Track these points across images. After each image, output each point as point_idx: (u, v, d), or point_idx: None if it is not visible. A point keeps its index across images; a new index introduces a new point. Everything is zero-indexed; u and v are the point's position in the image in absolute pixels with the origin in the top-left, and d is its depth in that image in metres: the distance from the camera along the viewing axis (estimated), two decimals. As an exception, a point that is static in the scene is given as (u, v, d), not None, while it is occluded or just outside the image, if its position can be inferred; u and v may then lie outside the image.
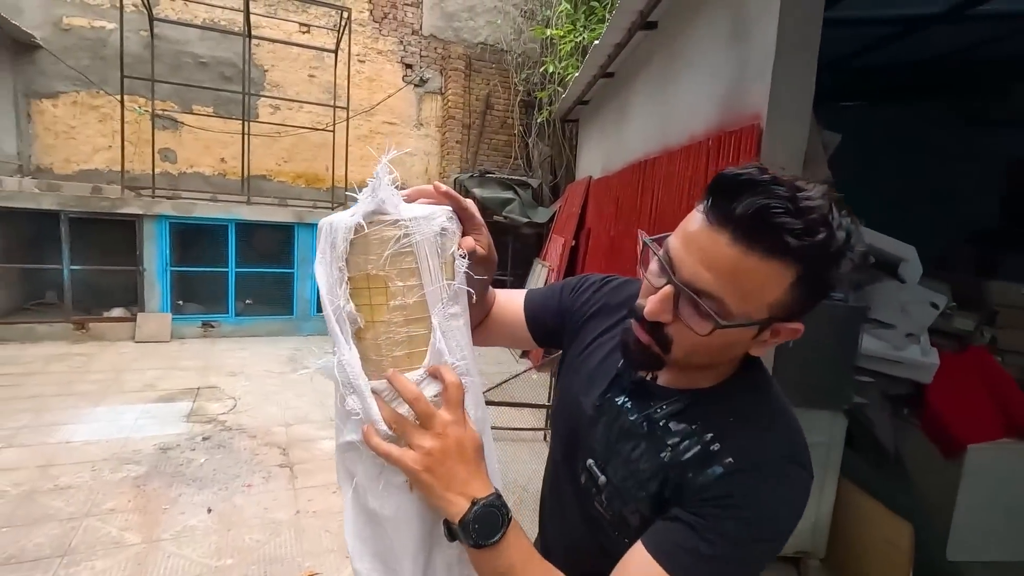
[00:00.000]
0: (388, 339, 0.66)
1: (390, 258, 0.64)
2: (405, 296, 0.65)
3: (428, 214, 0.66)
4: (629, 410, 0.76)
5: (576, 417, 0.83)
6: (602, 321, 0.89)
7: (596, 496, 0.76)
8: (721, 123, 2.47)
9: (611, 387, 0.80)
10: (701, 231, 0.61)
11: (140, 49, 7.00)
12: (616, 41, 3.94)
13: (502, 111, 8.71)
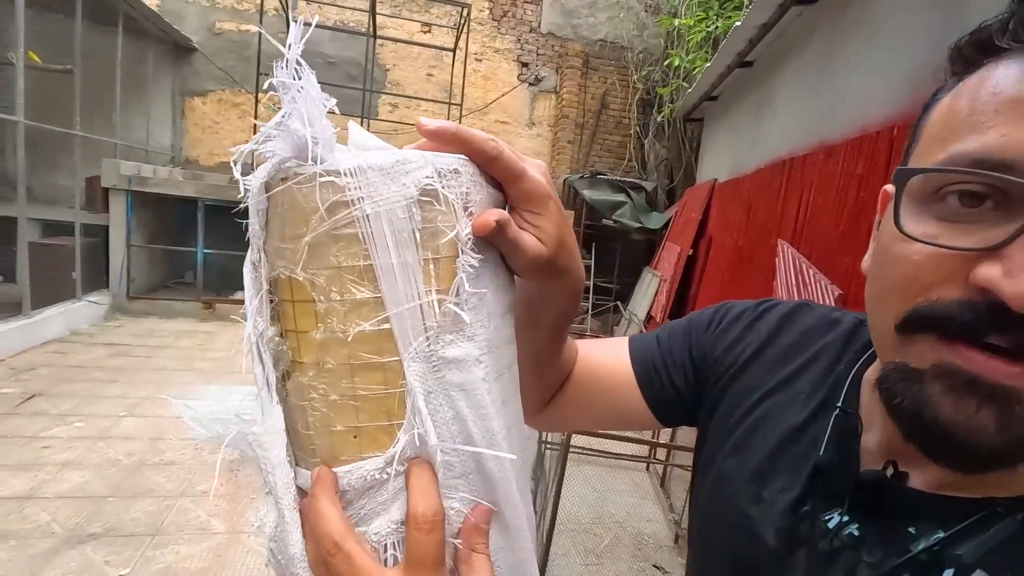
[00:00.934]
0: (321, 400, 0.33)
1: (318, 246, 0.32)
2: (348, 319, 0.32)
3: (397, 162, 0.32)
4: (859, 543, 0.39)
5: (745, 547, 0.46)
6: (769, 373, 0.52)
7: None
8: (915, 104, 1.93)
9: (809, 493, 0.43)
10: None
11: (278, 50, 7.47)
12: (762, 21, 3.42)
13: (618, 110, 8.30)
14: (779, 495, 0.45)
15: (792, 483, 0.45)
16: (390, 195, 0.31)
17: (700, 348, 0.58)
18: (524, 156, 0.37)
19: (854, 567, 0.39)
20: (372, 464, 0.32)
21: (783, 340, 0.53)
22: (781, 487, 0.45)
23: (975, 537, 0.35)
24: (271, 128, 0.33)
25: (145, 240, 6.30)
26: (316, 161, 0.31)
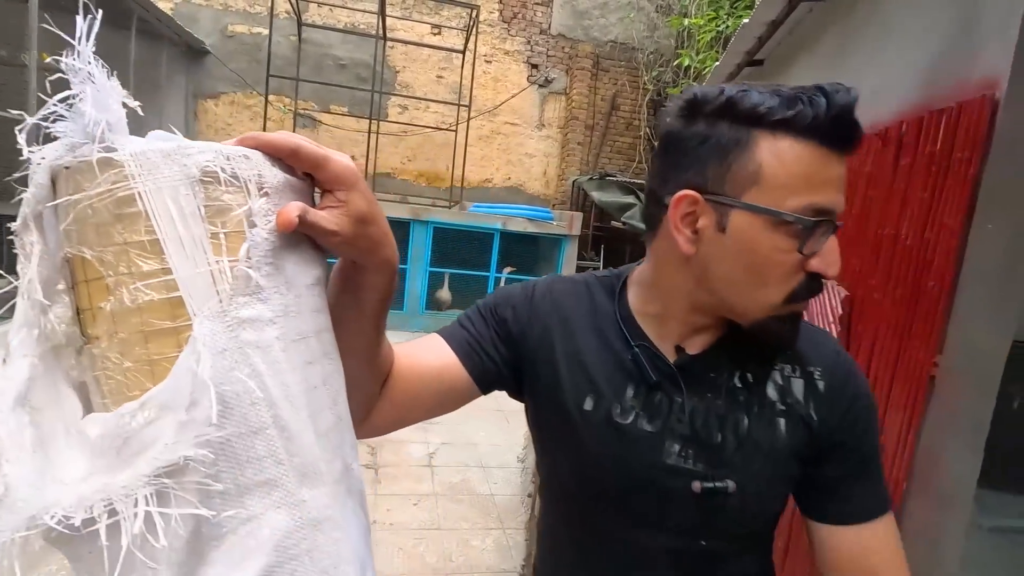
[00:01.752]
0: (115, 368, 0.34)
1: (103, 226, 0.34)
2: (137, 290, 0.34)
3: (180, 147, 0.35)
4: (690, 401, 0.63)
5: (623, 452, 0.63)
6: (567, 329, 0.69)
7: (717, 515, 0.62)
8: (926, 100, 1.86)
9: (649, 392, 0.64)
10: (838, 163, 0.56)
11: (289, 52, 7.54)
12: (771, 18, 3.34)
13: (628, 112, 8.24)
14: (631, 397, 0.64)
15: (639, 391, 0.64)
16: (171, 175, 0.34)
17: (503, 326, 0.70)
18: (326, 148, 0.42)
19: (707, 409, 0.62)
20: (128, 407, 0.32)
21: (561, 304, 0.70)
22: (632, 398, 0.63)
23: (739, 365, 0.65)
24: (57, 105, 0.33)
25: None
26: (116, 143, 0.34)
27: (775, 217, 0.54)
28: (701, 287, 0.60)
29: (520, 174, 8.43)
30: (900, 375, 1.72)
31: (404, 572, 2.31)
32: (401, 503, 2.83)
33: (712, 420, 0.62)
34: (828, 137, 0.54)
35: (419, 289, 6.88)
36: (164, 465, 0.31)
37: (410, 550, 2.46)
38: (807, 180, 0.53)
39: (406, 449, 3.45)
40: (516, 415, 4.05)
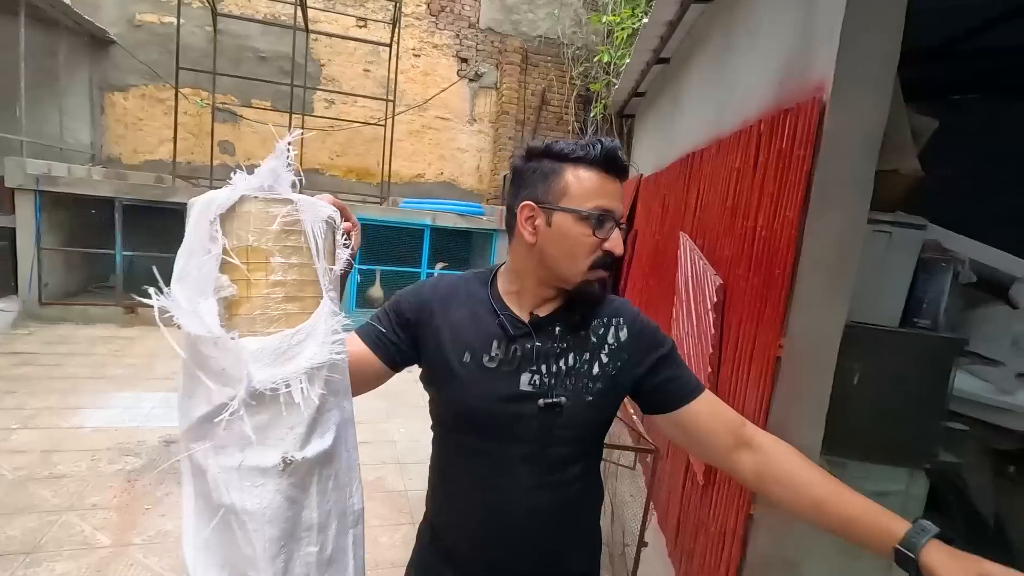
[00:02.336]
0: (263, 315, 0.62)
1: (275, 234, 0.63)
2: (286, 273, 0.63)
3: (316, 201, 0.67)
4: (537, 346, 0.92)
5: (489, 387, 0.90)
6: (440, 311, 0.95)
7: (558, 424, 0.90)
8: (778, 101, 2.00)
9: (509, 343, 0.92)
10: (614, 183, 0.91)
11: (204, 44, 7.20)
12: (667, 19, 3.49)
13: (558, 107, 8.35)
14: (496, 348, 0.92)
15: (502, 344, 0.92)
16: (315, 215, 0.65)
17: (401, 317, 0.96)
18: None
19: (544, 350, 0.92)
20: (287, 332, 0.62)
21: (443, 292, 0.98)
22: (496, 349, 0.91)
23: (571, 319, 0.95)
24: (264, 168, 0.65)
25: (59, 243, 5.96)
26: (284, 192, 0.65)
27: (578, 214, 0.88)
28: (541, 265, 0.92)
29: (453, 169, 8.41)
30: (756, 356, 1.85)
31: (305, 574, 2.30)
32: (310, 505, 2.80)
33: (551, 358, 0.92)
34: (604, 167, 0.89)
35: (349, 287, 6.74)
36: (315, 364, 0.61)
37: (314, 551, 2.44)
38: (595, 192, 0.88)
39: (322, 450, 3.41)
40: (439, 410, 4.08)
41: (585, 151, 0.88)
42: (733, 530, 1.84)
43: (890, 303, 1.86)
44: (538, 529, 0.91)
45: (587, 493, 0.98)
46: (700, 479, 2.17)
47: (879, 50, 1.60)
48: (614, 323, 0.97)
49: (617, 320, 0.97)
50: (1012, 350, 2.28)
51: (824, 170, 1.63)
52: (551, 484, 0.91)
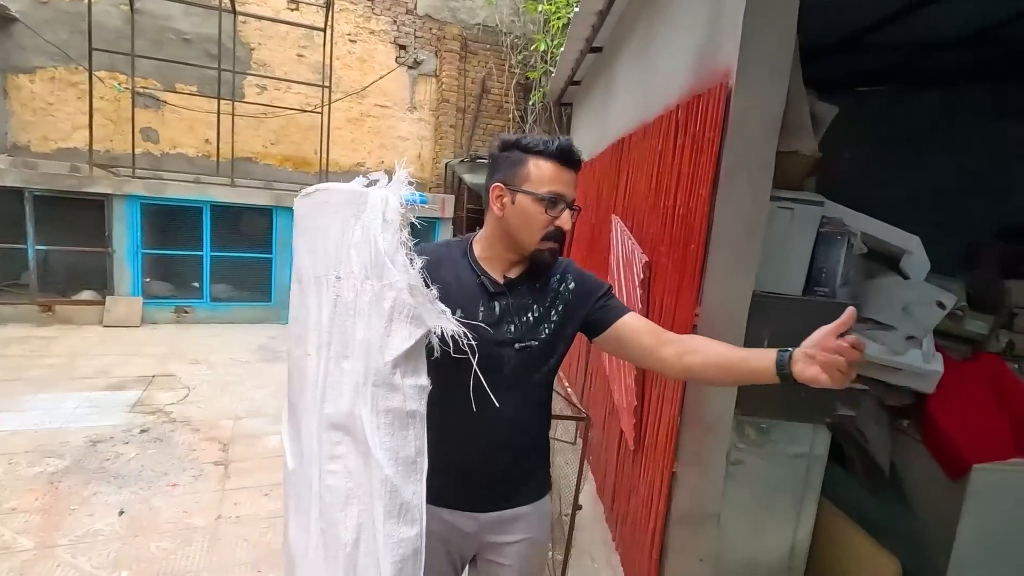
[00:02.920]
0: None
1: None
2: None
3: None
4: (511, 302, 1.18)
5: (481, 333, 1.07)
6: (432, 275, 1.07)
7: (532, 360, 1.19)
8: (694, 87, 2.13)
9: (490, 300, 1.17)
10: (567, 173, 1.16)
11: (121, 24, 6.77)
12: (597, 8, 3.59)
13: (499, 95, 8.38)
14: (480, 306, 1.15)
15: (486, 303, 1.16)
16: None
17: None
18: None
19: (516, 306, 1.18)
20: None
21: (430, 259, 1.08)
22: (482, 307, 1.15)
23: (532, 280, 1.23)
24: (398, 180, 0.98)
25: (-40, 238, 5.50)
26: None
27: (535, 196, 1.13)
28: (506, 235, 1.17)
29: (393, 157, 8.29)
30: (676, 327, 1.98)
31: (249, 560, 2.28)
32: (250, 495, 2.76)
33: (523, 311, 1.19)
34: (559, 159, 1.13)
35: (288, 279, 6.57)
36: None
37: (256, 539, 2.42)
38: (549, 179, 1.13)
39: (261, 443, 3.35)
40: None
41: (545, 146, 1.12)
42: (659, 488, 1.97)
43: (793, 273, 2.03)
44: (516, 433, 1.21)
45: (545, 407, 1.30)
46: (631, 445, 2.30)
47: (776, 41, 1.74)
48: (564, 279, 1.25)
49: (566, 276, 1.26)
50: (903, 316, 2.53)
51: (731, 151, 1.76)
52: (524, 402, 1.20)
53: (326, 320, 0.92)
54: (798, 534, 2.19)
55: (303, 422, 0.95)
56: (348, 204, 0.91)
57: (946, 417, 2.52)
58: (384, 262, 0.86)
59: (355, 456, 0.87)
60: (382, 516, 0.84)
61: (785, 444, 2.18)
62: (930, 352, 2.48)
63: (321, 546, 0.87)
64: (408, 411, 0.90)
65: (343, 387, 0.89)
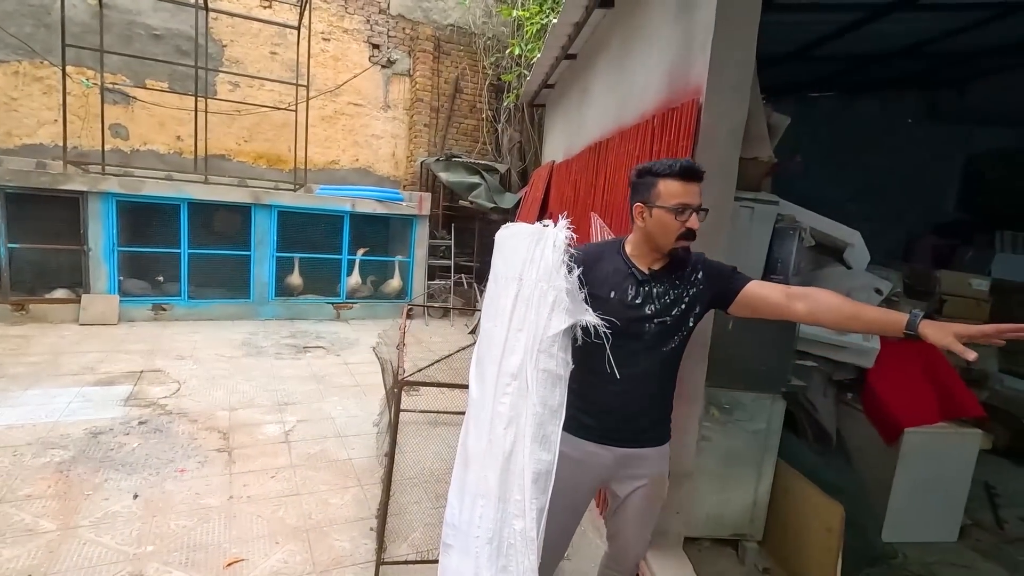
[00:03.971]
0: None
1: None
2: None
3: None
4: (653, 287, 1.51)
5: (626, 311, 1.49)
6: (593, 266, 1.52)
7: (666, 332, 1.51)
8: (668, 100, 2.41)
9: (639, 286, 1.51)
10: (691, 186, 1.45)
11: (88, 18, 6.67)
12: (575, 20, 3.86)
13: (471, 95, 8.58)
14: (630, 288, 1.51)
15: (635, 286, 1.51)
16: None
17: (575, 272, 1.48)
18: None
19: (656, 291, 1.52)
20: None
21: (592, 254, 1.56)
22: (631, 287, 1.51)
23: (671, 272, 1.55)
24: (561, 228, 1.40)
25: (-74, 236, 5.37)
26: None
27: (667, 208, 1.44)
28: (650, 239, 1.50)
29: (368, 155, 8.39)
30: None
31: (265, 534, 2.45)
32: (257, 478, 2.92)
33: (663, 294, 1.50)
34: (682, 176, 1.44)
35: (266, 276, 6.65)
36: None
37: (269, 515, 2.59)
38: (676, 194, 1.43)
39: (260, 431, 3.49)
40: (372, 388, 4.25)
41: (670, 169, 1.44)
42: (641, 452, 2.24)
43: (754, 263, 2.35)
44: (649, 387, 1.53)
45: (673, 369, 1.59)
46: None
47: (739, 66, 2.04)
48: (696, 270, 1.55)
49: (697, 268, 1.55)
50: (846, 301, 2.86)
51: (701, 157, 2.05)
52: (657, 364, 1.52)
53: (510, 305, 1.34)
54: (759, 490, 2.51)
55: (487, 369, 1.36)
56: (532, 235, 1.36)
57: (883, 388, 2.88)
58: (551, 272, 1.29)
59: (518, 395, 1.27)
60: (529, 439, 1.25)
61: (746, 422, 2.49)
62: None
63: (487, 449, 1.28)
64: (557, 374, 1.31)
65: (517, 349, 1.30)
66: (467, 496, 1.32)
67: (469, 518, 1.29)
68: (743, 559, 2.55)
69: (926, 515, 2.83)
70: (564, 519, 1.60)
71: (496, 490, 1.25)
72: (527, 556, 1.22)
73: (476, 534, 1.27)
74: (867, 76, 5.54)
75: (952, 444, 2.80)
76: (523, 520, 1.23)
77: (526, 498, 1.24)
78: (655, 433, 1.60)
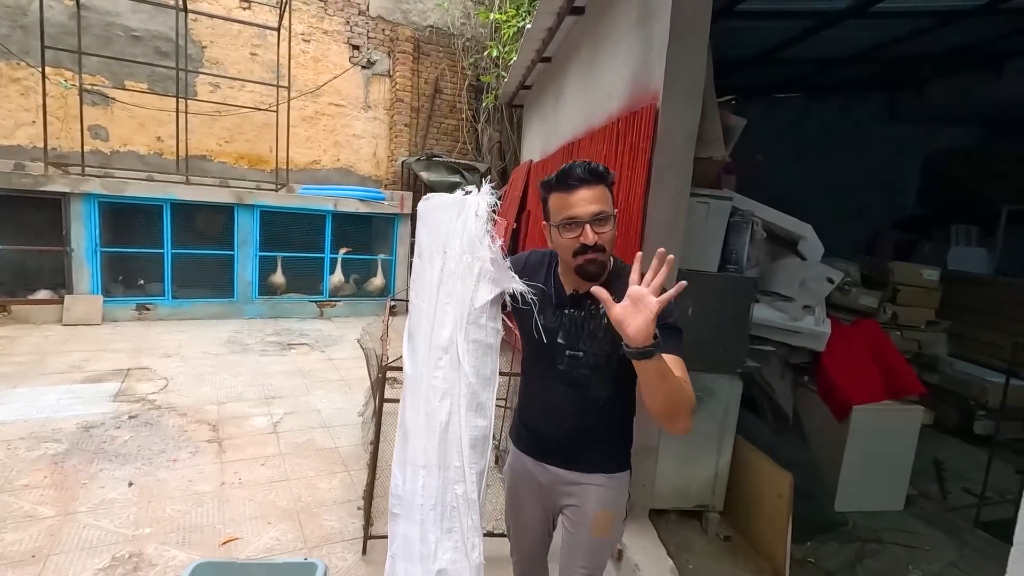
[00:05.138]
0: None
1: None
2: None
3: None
4: (573, 312, 1.34)
5: (543, 334, 1.36)
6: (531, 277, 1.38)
7: (579, 367, 1.34)
8: (631, 103, 2.60)
9: (555, 310, 1.36)
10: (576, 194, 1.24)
11: (65, 19, 6.66)
12: (547, 26, 4.03)
13: (451, 95, 8.71)
14: (552, 316, 1.35)
15: (554, 310, 1.36)
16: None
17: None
18: None
19: (576, 317, 1.33)
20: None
21: (530, 264, 1.44)
22: (553, 313, 1.35)
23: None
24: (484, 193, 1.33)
25: (-95, 238, 5.36)
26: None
27: (554, 226, 1.28)
28: (558, 257, 1.36)
29: (349, 155, 8.49)
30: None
31: (258, 515, 2.59)
32: (247, 466, 3.05)
33: (576, 323, 1.34)
34: (560, 187, 1.25)
35: (249, 275, 6.72)
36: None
37: (261, 499, 2.73)
38: (562, 208, 1.25)
39: (249, 422, 3.62)
40: (357, 382, 4.39)
41: (549, 181, 1.28)
42: (609, 429, 2.43)
43: (710, 254, 2.55)
44: (570, 415, 1.38)
45: (604, 402, 1.36)
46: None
47: (692, 74, 2.23)
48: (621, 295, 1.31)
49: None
50: (800, 290, 3.10)
51: (659, 157, 2.24)
52: (576, 395, 1.36)
53: (436, 278, 1.33)
54: (719, 464, 2.71)
55: (419, 344, 1.37)
56: (454, 205, 1.31)
57: (834, 370, 3.12)
58: (475, 242, 1.26)
59: (451, 368, 1.30)
60: (464, 408, 1.29)
61: (706, 401, 2.68)
62: (821, 318, 3.06)
63: (425, 423, 1.32)
64: (488, 343, 1.32)
65: (446, 322, 1.31)
66: (408, 467, 1.36)
67: (412, 488, 1.34)
68: (706, 529, 2.76)
69: (874, 486, 3.07)
70: (520, 545, 1.55)
71: (436, 460, 1.30)
72: (469, 516, 1.29)
73: (420, 502, 1.32)
74: (831, 78, 5.81)
75: (897, 420, 3.04)
76: (463, 484, 1.29)
77: (465, 464, 1.29)
78: (592, 458, 1.41)
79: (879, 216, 6.96)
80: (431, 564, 1.26)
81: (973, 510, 3.14)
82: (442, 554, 1.26)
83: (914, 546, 2.82)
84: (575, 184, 1.22)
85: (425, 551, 1.28)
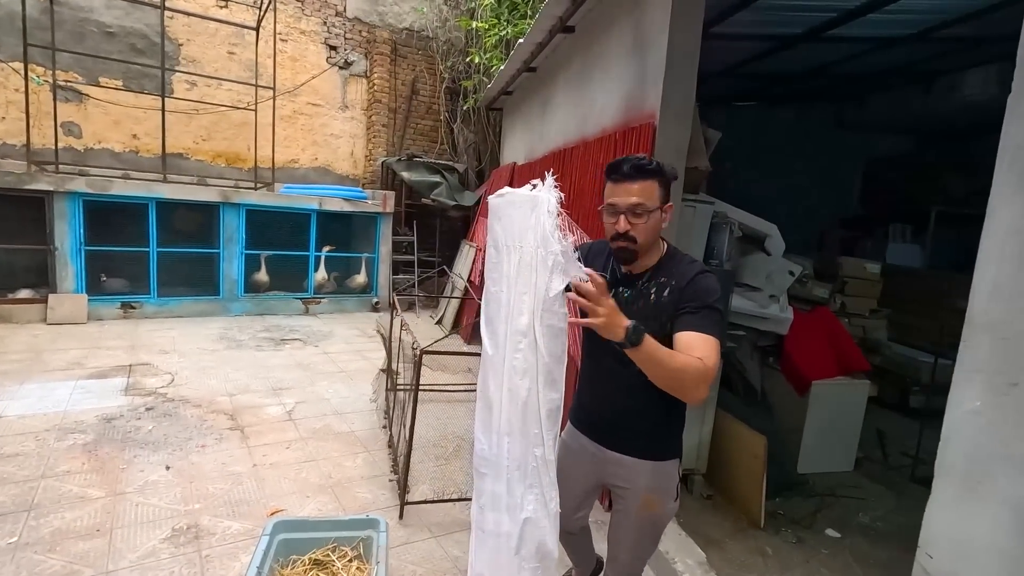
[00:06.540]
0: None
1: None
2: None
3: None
4: (628, 291, 1.50)
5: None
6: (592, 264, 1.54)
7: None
8: (626, 120, 2.97)
9: (614, 290, 1.51)
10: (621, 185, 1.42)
11: (37, 14, 6.55)
12: (538, 41, 4.37)
13: (428, 97, 8.93)
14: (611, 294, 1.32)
15: (614, 289, 1.52)
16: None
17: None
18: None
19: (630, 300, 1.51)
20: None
21: (593, 251, 1.66)
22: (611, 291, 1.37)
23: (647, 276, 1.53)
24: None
25: None
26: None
27: (601, 209, 1.48)
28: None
29: (327, 154, 8.60)
30: (621, 290, 2.79)
31: (295, 491, 2.84)
32: (274, 449, 3.28)
33: (627, 302, 1.48)
34: (610, 177, 1.45)
35: (235, 273, 6.80)
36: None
37: (294, 477, 2.97)
38: (608, 195, 1.45)
39: (264, 411, 3.82)
40: (358, 374, 4.64)
41: (607, 170, 1.46)
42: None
43: (696, 251, 2.95)
44: (620, 396, 1.53)
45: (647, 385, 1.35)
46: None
47: (683, 97, 2.61)
48: (677, 282, 1.45)
49: (680, 281, 1.45)
50: (766, 281, 3.55)
51: (657, 168, 2.61)
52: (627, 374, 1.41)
53: (514, 271, 1.46)
54: (703, 432, 3.13)
55: (498, 329, 1.53)
56: (527, 202, 1.40)
57: (795, 351, 3.59)
58: (548, 237, 1.35)
59: (529, 350, 1.45)
60: (541, 384, 1.46)
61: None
62: (784, 306, 3.53)
63: (508, 397, 1.50)
64: (559, 327, 1.44)
65: (523, 310, 1.45)
66: (493, 434, 1.55)
67: (498, 452, 1.53)
68: (691, 490, 3.17)
69: (829, 450, 3.56)
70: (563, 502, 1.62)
71: (519, 427, 1.48)
72: (547, 474, 1.51)
73: (505, 463, 1.52)
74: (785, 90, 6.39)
75: (847, 392, 3.54)
76: (542, 448, 1.48)
77: (543, 430, 1.47)
78: (639, 444, 1.54)
79: (826, 215, 7.63)
80: (519, 514, 1.52)
81: (909, 469, 3.69)
82: (527, 505, 1.51)
83: (862, 498, 3.32)
84: (619, 178, 1.41)
85: (512, 503, 1.53)
